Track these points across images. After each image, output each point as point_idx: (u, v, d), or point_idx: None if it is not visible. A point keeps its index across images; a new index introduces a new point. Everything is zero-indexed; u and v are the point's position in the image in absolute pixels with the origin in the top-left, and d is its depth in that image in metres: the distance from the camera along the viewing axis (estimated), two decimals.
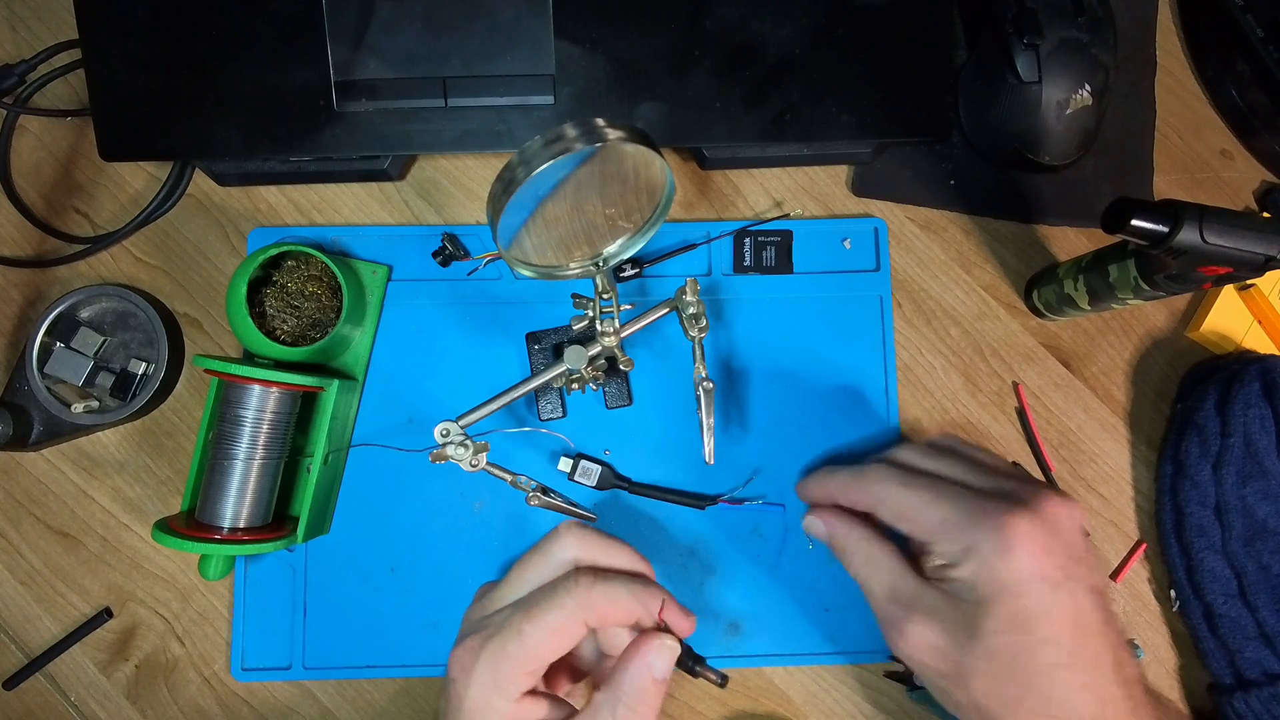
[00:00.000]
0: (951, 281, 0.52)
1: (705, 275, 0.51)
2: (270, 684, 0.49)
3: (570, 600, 0.35)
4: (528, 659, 0.35)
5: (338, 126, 0.47)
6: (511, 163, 0.33)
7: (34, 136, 0.53)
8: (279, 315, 0.47)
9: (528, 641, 0.35)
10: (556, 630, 0.35)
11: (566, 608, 0.35)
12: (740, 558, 0.49)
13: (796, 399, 0.50)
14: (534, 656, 0.35)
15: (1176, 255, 0.39)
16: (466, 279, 0.51)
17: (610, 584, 0.36)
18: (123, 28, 0.46)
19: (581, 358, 0.43)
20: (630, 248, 0.42)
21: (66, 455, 0.51)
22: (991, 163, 0.52)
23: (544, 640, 0.35)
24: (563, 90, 0.47)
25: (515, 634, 0.35)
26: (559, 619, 0.35)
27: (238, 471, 0.44)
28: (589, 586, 0.35)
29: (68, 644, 0.49)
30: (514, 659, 0.35)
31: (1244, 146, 0.54)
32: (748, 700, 0.49)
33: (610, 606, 0.35)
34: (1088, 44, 0.48)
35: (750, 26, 0.47)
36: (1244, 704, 0.46)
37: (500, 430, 0.49)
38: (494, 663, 0.35)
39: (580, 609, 0.35)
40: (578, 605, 0.35)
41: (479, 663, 0.35)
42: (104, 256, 0.52)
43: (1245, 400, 0.47)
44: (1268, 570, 0.47)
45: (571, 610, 0.35)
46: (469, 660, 0.35)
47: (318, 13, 0.45)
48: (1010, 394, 0.52)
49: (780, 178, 0.53)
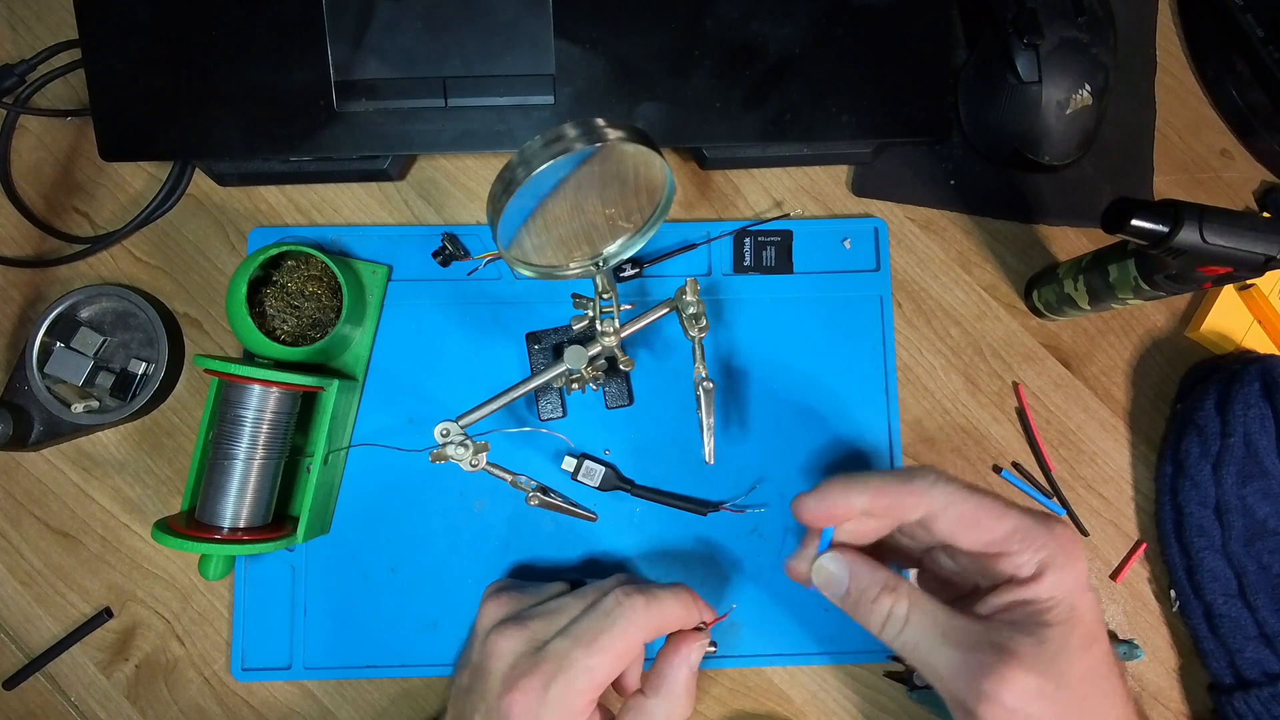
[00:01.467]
0: (951, 281, 0.52)
1: (705, 275, 0.51)
2: (270, 684, 0.49)
3: (627, 623, 0.35)
4: (596, 689, 0.35)
5: (338, 126, 0.47)
6: (511, 163, 0.33)
7: (34, 136, 0.53)
8: (279, 315, 0.47)
9: (597, 674, 0.35)
10: (620, 655, 0.35)
11: (627, 632, 0.35)
12: (740, 558, 0.49)
13: (796, 399, 0.50)
14: (600, 685, 0.35)
15: (1176, 255, 0.39)
16: (466, 279, 0.51)
17: (657, 598, 0.36)
18: (123, 28, 0.46)
19: (581, 358, 0.43)
20: (630, 248, 0.42)
21: (66, 455, 0.51)
22: (991, 163, 0.52)
23: (610, 668, 0.35)
24: (563, 90, 0.47)
25: (584, 671, 0.35)
26: (621, 644, 0.35)
27: (238, 471, 0.44)
28: (644, 607, 0.36)
29: (68, 644, 0.49)
30: (583, 693, 0.35)
31: (1244, 146, 0.54)
32: (748, 700, 0.49)
33: (664, 619, 0.36)
34: (1088, 44, 0.48)
35: (750, 26, 0.47)
36: (1244, 704, 0.46)
37: (500, 430, 0.49)
38: (563, 703, 0.35)
39: (639, 629, 0.35)
40: (636, 626, 0.35)
41: (546, 706, 0.35)
42: (104, 256, 0.52)
43: (1245, 400, 0.47)
44: (1268, 570, 0.47)
45: (631, 633, 0.35)
46: (533, 703, 0.35)
47: (318, 13, 0.45)
48: (1010, 394, 0.52)
49: (780, 178, 0.53)
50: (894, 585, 0.33)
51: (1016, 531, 0.32)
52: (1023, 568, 0.32)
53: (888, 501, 0.34)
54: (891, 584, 0.33)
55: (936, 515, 0.33)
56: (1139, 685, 0.50)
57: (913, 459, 0.51)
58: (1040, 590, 0.32)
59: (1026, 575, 0.32)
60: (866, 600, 0.33)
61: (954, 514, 0.33)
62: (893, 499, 0.34)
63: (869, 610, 0.33)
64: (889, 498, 0.34)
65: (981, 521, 0.33)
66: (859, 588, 0.33)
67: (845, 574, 0.34)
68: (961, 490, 0.33)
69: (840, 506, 0.34)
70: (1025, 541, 0.32)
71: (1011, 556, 0.32)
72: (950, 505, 0.33)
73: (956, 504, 0.33)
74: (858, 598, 0.33)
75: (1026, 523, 0.33)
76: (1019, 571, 0.32)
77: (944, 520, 0.33)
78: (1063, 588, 0.32)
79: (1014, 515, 0.33)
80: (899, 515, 0.34)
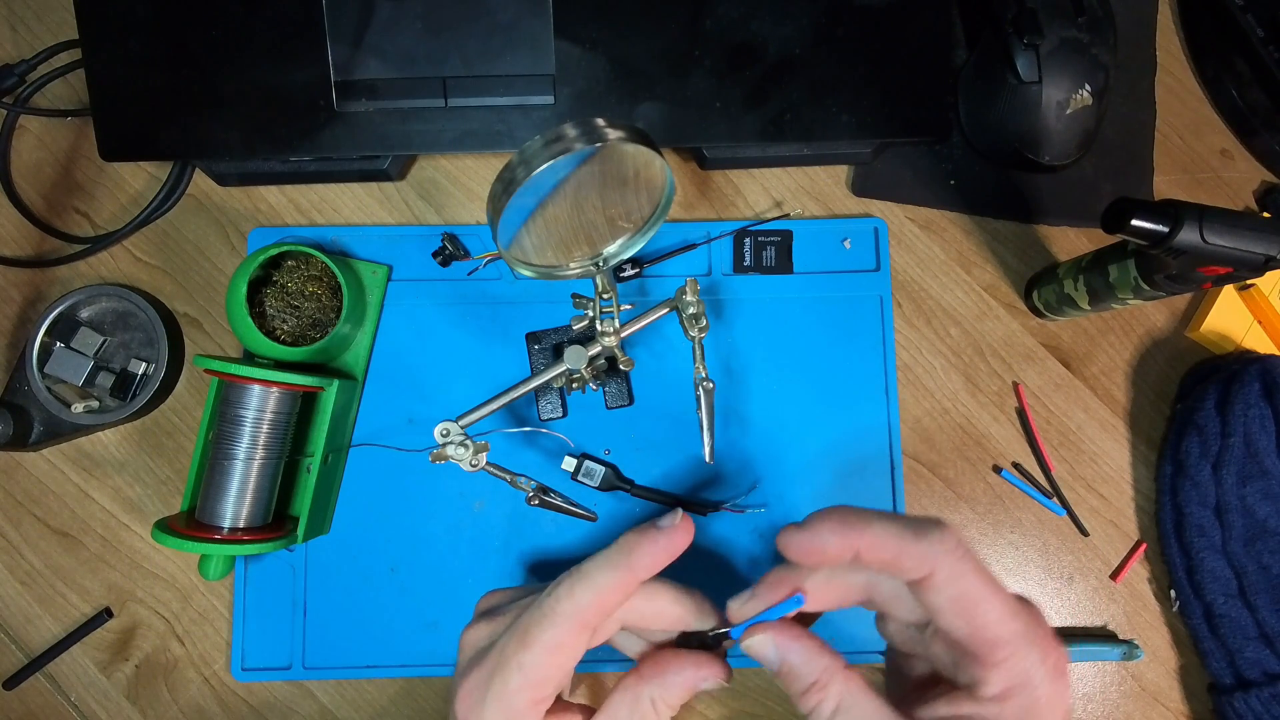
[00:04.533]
0: (951, 281, 0.52)
1: (705, 275, 0.51)
2: (270, 684, 0.49)
3: (553, 608, 0.30)
4: (534, 687, 0.30)
5: (338, 126, 0.47)
6: (511, 163, 0.33)
7: (34, 136, 0.53)
8: (279, 315, 0.47)
9: (531, 672, 0.30)
10: (553, 647, 0.30)
11: (555, 621, 0.30)
12: (740, 557, 0.49)
13: (796, 399, 0.50)
14: (539, 683, 0.30)
15: (1176, 255, 0.39)
16: (466, 279, 0.51)
17: (582, 570, 0.31)
18: (123, 28, 0.46)
19: (581, 358, 0.43)
20: (630, 248, 0.42)
21: (66, 455, 0.51)
22: (991, 163, 0.52)
23: (547, 663, 0.30)
24: (563, 90, 0.47)
25: (516, 669, 0.30)
26: (551, 635, 0.30)
27: (238, 471, 0.44)
28: (568, 585, 0.30)
29: (68, 644, 0.49)
30: (519, 691, 0.30)
31: (1244, 146, 0.54)
32: (748, 700, 0.49)
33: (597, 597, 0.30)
34: (1088, 44, 0.48)
35: (750, 26, 0.47)
36: (1244, 704, 0.46)
37: (500, 430, 0.49)
38: (500, 702, 0.30)
39: (566, 617, 0.30)
40: (562, 613, 0.30)
41: (486, 706, 0.31)
42: (104, 256, 0.52)
43: (1245, 400, 0.47)
44: (1268, 570, 0.47)
45: (559, 622, 0.30)
46: (475, 704, 0.31)
47: (318, 13, 0.45)
48: (1010, 394, 0.52)
49: (780, 178, 0.53)
50: (825, 682, 0.29)
51: (1015, 641, 0.27)
52: (992, 684, 0.27)
53: (889, 554, 0.28)
54: (824, 680, 0.29)
55: (934, 585, 0.28)
56: (1139, 685, 0.50)
57: (913, 459, 0.51)
58: (995, 710, 0.27)
59: (990, 694, 0.27)
60: (795, 691, 0.30)
61: (955, 591, 0.28)
62: (896, 553, 0.28)
63: (796, 700, 0.30)
64: (891, 550, 0.28)
65: (980, 610, 0.27)
66: (789, 674, 0.30)
67: (776, 659, 0.30)
68: (974, 567, 0.28)
69: (833, 547, 0.29)
70: (1016, 659, 0.27)
71: (990, 667, 0.27)
72: (957, 579, 0.28)
73: (963, 580, 0.28)
74: (788, 683, 0.30)
75: (1028, 630, 0.27)
76: (985, 687, 0.27)
77: (940, 594, 0.28)
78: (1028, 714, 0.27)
79: (1021, 621, 0.28)
80: (895, 571, 0.28)
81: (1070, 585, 0.50)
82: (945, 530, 0.28)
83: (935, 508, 0.50)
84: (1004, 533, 0.51)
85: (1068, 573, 0.50)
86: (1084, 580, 0.50)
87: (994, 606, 0.27)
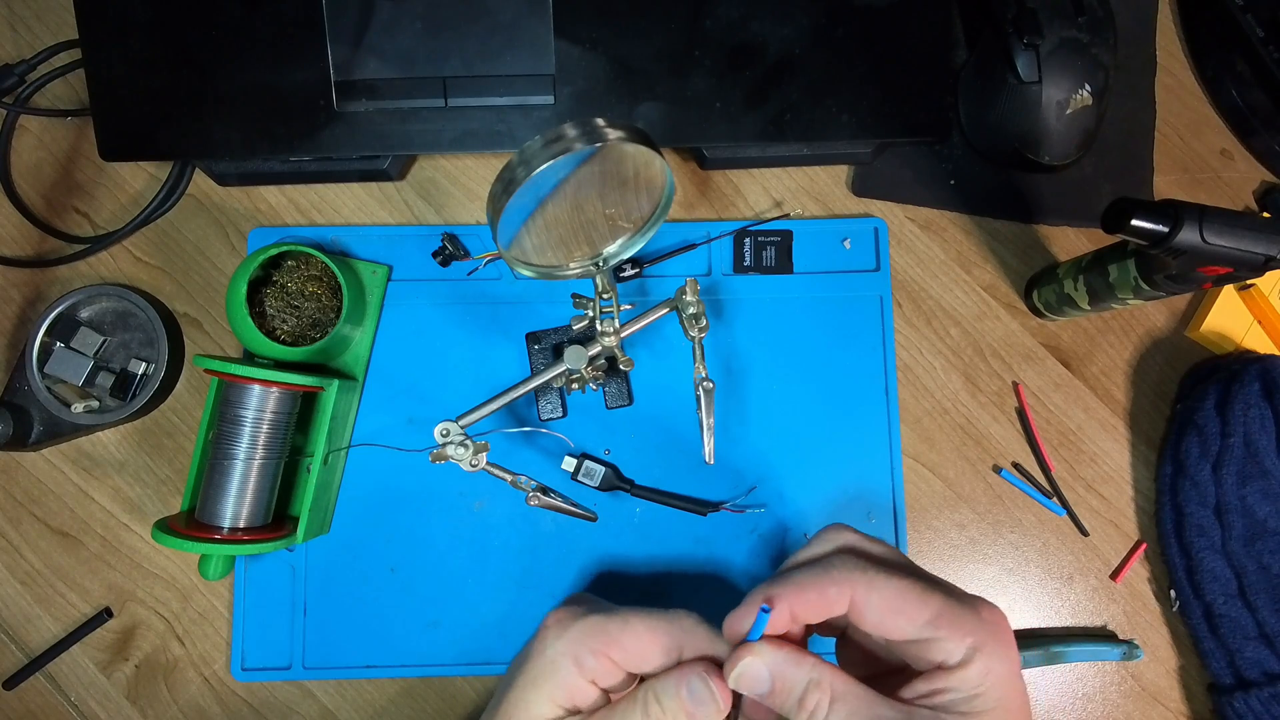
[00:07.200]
0: (951, 281, 0.52)
1: (705, 275, 0.51)
2: (270, 684, 0.49)
3: (675, 628, 0.34)
4: (618, 644, 0.34)
5: (338, 126, 0.47)
6: (511, 163, 0.33)
7: (34, 136, 0.53)
8: (279, 315, 0.47)
9: (629, 629, 0.34)
10: (653, 634, 0.34)
11: (670, 630, 0.34)
12: (740, 558, 0.49)
13: (796, 399, 0.50)
14: (622, 645, 0.34)
15: (1176, 255, 0.39)
16: (466, 279, 0.51)
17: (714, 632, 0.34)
18: (123, 28, 0.46)
19: (581, 358, 0.43)
20: (630, 248, 0.42)
21: (66, 455, 0.51)
22: (991, 163, 0.52)
23: (641, 636, 0.34)
24: (563, 90, 0.47)
25: (620, 620, 0.34)
26: (663, 628, 0.34)
27: (238, 471, 0.44)
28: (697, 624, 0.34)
29: (68, 644, 0.49)
30: (606, 636, 0.34)
31: (1244, 146, 0.54)
32: None
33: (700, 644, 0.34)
34: (1088, 44, 0.48)
35: (750, 26, 0.47)
36: (1244, 704, 0.46)
37: (500, 430, 0.49)
38: (588, 630, 0.34)
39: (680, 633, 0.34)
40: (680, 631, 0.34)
41: (576, 623, 0.34)
42: (104, 256, 0.52)
43: (1245, 400, 0.47)
44: (1268, 570, 0.47)
45: (674, 633, 0.34)
46: (568, 618, 0.35)
47: (318, 13, 0.45)
48: (1010, 394, 0.52)
49: (780, 178, 0.53)
50: (818, 680, 0.32)
51: (941, 616, 0.31)
52: (951, 654, 0.31)
53: (811, 597, 0.32)
54: (816, 678, 0.32)
55: (861, 606, 0.32)
56: (1139, 685, 0.50)
57: (913, 459, 0.51)
58: (968, 678, 0.31)
59: (954, 662, 0.31)
60: (792, 700, 0.32)
61: (877, 601, 0.31)
62: (816, 594, 0.32)
63: (794, 709, 0.32)
64: (812, 592, 0.32)
65: (906, 608, 0.31)
66: (783, 685, 0.32)
67: (767, 675, 0.32)
68: (882, 574, 0.32)
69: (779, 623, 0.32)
70: (952, 627, 0.31)
71: (939, 643, 0.31)
72: (872, 591, 0.31)
73: (878, 589, 0.31)
74: (783, 698, 0.32)
75: (952, 607, 0.31)
76: (947, 658, 0.31)
77: (869, 611, 0.31)
78: (992, 676, 0.30)
79: (938, 598, 0.31)
80: (826, 610, 0.32)
81: (1070, 585, 0.50)
82: (845, 555, 0.33)
83: (935, 507, 0.51)
84: (1004, 533, 0.51)
85: (1068, 573, 0.50)
86: (1084, 580, 0.50)
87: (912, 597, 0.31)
